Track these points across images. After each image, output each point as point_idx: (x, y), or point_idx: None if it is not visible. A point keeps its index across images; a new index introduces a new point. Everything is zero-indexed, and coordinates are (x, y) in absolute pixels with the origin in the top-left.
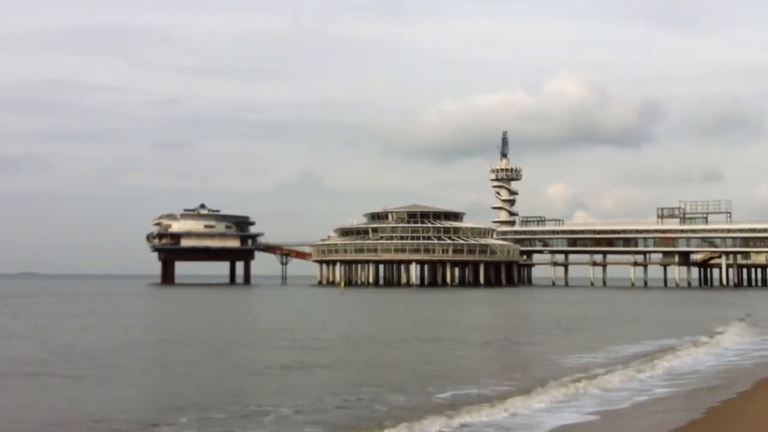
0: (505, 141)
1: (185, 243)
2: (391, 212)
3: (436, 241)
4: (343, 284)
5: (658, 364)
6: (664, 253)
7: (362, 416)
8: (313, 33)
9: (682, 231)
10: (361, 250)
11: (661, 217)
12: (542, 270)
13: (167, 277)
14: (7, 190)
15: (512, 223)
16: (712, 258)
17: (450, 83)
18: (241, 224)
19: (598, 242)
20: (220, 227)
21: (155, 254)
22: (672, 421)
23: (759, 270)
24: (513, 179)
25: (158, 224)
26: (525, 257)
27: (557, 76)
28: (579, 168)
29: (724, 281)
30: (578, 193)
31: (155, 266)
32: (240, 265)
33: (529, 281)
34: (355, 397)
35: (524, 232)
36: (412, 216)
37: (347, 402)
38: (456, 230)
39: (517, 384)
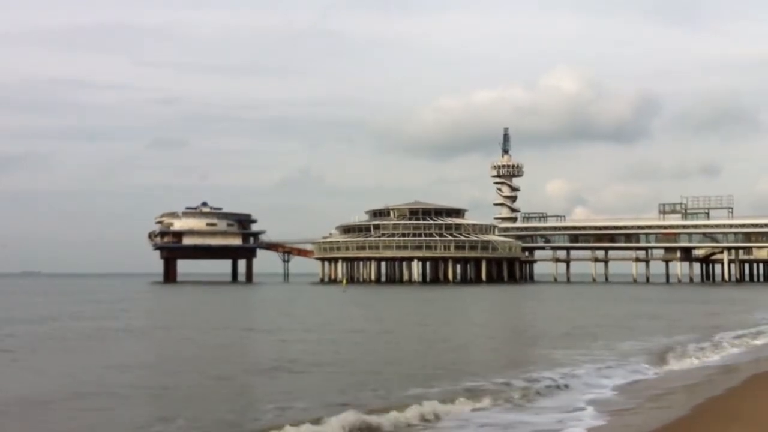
0: (506, 137)
1: (187, 241)
2: (393, 209)
3: (437, 238)
4: (345, 281)
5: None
6: (666, 248)
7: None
8: (311, 30)
9: (683, 227)
10: (363, 248)
11: (663, 212)
12: (544, 266)
13: (169, 275)
14: (7, 188)
15: (514, 219)
16: (713, 253)
17: (447, 79)
18: (242, 222)
19: (599, 238)
20: (222, 225)
21: (157, 252)
22: (660, 417)
23: (761, 265)
24: (514, 175)
25: (160, 222)
26: (527, 253)
27: (554, 72)
28: (577, 164)
29: (726, 277)
30: (577, 189)
31: (157, 264)
32: (242, 263)
33: (531, 278)
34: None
35: (526, 229)
36: (414, 213)
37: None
38: (458, 227)
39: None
